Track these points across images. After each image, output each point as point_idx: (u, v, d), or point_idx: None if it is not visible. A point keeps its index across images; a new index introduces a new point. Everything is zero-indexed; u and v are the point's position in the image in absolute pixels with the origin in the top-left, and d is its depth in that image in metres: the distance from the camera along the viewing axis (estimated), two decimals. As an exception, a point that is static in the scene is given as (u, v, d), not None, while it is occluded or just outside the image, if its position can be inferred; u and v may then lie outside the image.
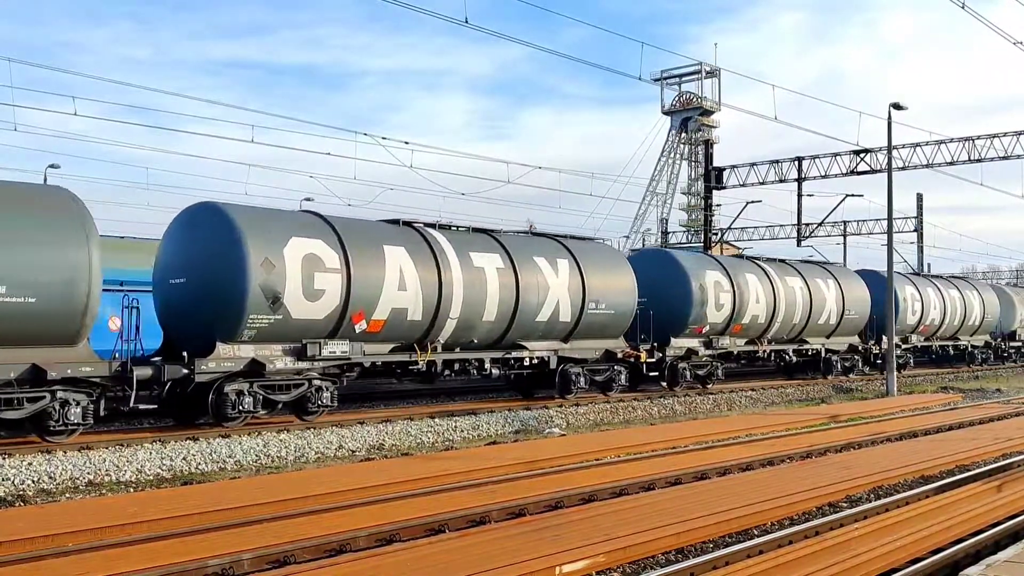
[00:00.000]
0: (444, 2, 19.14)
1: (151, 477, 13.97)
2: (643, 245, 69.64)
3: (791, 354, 31.17)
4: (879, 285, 33.66)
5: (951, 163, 37.86)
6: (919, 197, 58.93)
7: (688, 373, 27.09)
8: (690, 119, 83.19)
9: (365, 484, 11.96)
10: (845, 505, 11.54)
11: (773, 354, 30.62)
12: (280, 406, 17.86)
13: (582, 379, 23.48)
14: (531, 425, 20.35)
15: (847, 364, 34.28)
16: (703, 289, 26.93)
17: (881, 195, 32.49)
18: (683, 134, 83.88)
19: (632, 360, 24.77)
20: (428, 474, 12.80)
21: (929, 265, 64.15)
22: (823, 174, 41.40)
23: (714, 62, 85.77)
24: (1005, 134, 36.66)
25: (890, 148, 31.73)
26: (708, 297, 27.03)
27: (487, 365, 21.43)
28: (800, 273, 31.80)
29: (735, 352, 29.05)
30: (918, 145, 38.29)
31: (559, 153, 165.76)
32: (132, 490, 12.91)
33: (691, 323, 26.66)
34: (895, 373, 30.25)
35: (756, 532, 10.03)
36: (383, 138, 31.80)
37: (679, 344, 26.70)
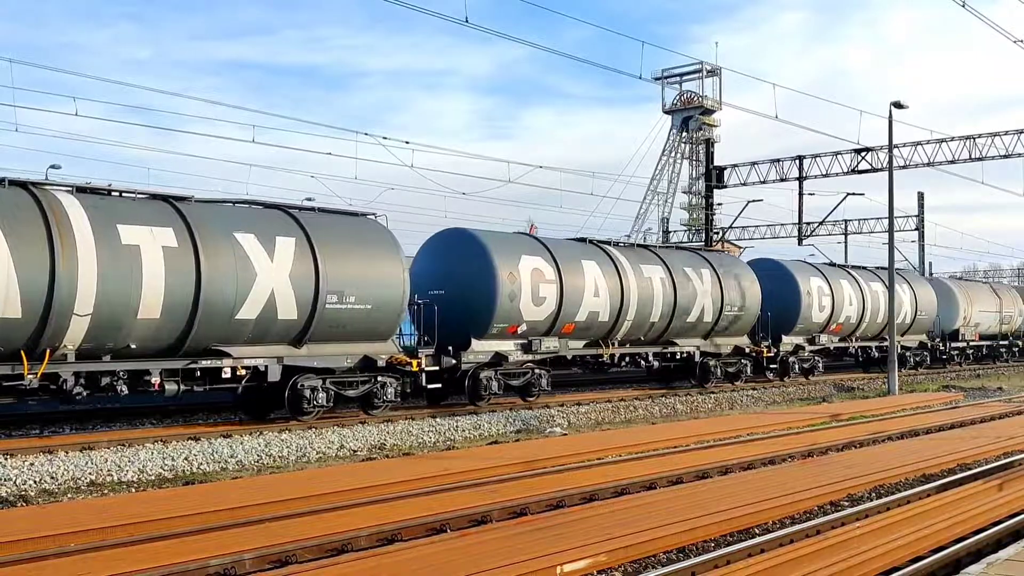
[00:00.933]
0: (445, 2, 19.13)
1: (153, 477, 13.97)
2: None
3: (651, 358, 26.10)
4: (777, 277, 31.22)
5: (952, 162, 37.83)
6: (920, 196, 58.94)
7: (495, 384, 21.71)
8: (691, 118, 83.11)
9: (366, 484, 11.96)
10: (847, 504, 11.54)
11: (628, 358, 25.54)
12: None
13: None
14: (532, 425, 20.35)
15: (731, 370, 29.07)
16: (508, 281, 21.49)
17: (882, 194, 32.44)
18: (684, 133, 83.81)
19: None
20: (429, 474, 12.80)
21: (930, 264, 64.22)
22: (824, 173, 41.38)
23: (715, 61, 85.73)
24: (1006, 132, 36.63)
25: (891, 147, 31.71)
26: (521, 292, 21.68)
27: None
28: (662, 260, 26.31)
29: (570, 356, 23.79)
30: (919, 144, 38.27)
31: (560, 153, 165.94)
32: (134, 490, 12.92)
33: (496, 322, 21.37)
34: (896, 373, 30.24)
35: (757, 531, 10.04)
36: (384, 138, 31.73)
37: (481, 348, 21.47)
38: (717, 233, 47.67)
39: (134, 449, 14.86)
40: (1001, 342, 48.38)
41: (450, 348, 20.52)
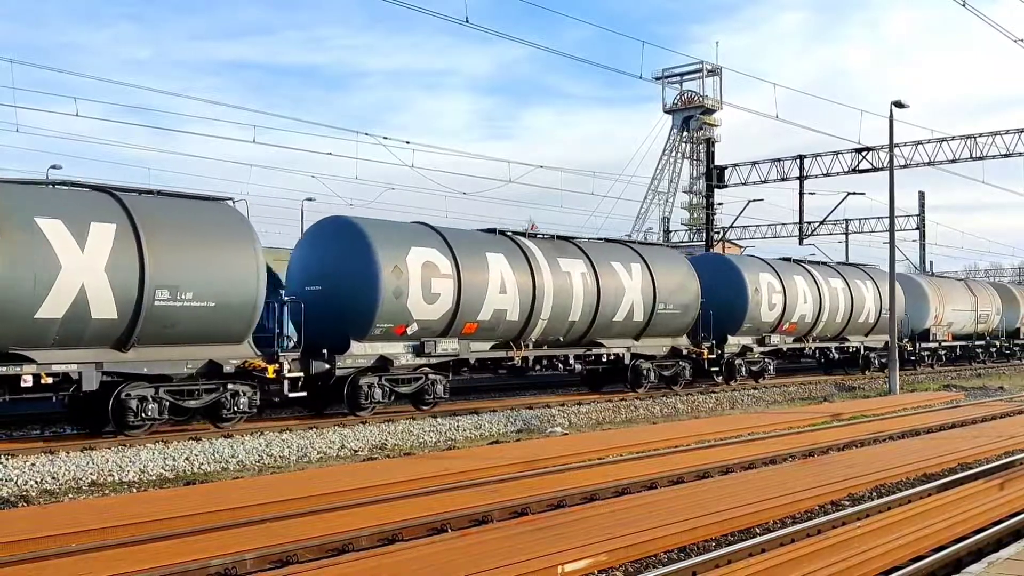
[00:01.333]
0: (445, 2, 19.12)
1: (154, 477, 13.98)
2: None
3: (572, 361, 23.90)
4: (721, 273, 28.95)
5: (953, 161, 37.80)
6: (921, 195, 59.01)
7: (379, 392, 19.59)
8: (692, 118, 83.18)
9: (367, 484, 11.97)
10: (847, 503, 11.54)
11: (545, 361, 23.37)
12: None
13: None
14: (533, 425, 20.36)
15: (667, 373, 26.71)
16: (392, 275, 19.25)
17: (883, 193, 32.39)
18: (685, 133, 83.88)
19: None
20: (430, 474, 12.81)
21: (931, 263, 64.24)
22: (825, 172, 41.35)
23: (715, 61, 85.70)
24: (1007, 132, 36.60)
25: (892, 146, 31.70)
26: (408, 287, 19.52)
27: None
28: (584, 254, 24.14)
29: (473, 360, 21.63)
30: (920, 143, 38.24)
31: (561, 153, 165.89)
32: (135, 490, 12.92)
33: (378, 322, 19.14)
34: (897, 372, 30.24)
35: (758, 531, 10.03)
36: (384, 138, 31.78)
37: (361, 351, 19.48)
38: (718, 233, 47.66)
39: (135, 449, 14.86)
40: (977, 342, 45.40)
41: (325, 351, 18.21)
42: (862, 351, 30.32)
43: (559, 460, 14.27)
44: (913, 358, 39.29)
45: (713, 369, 28.20)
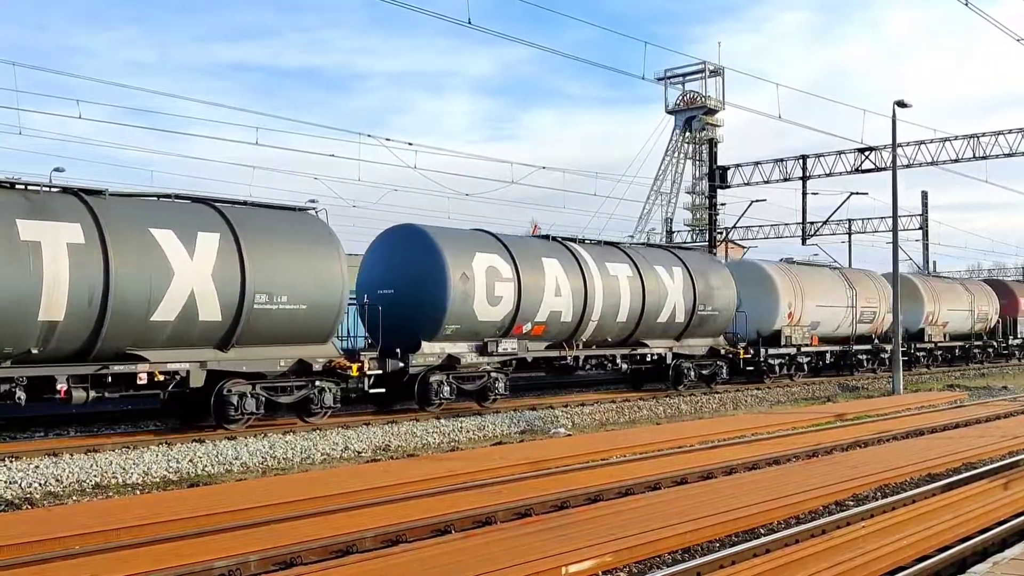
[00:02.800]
0: (447, 4, 19.13)
1: (157, 479, 13.98)
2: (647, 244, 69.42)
3: (619, 360, 24.61)
4: (408, 248, 20.86)
5: (956, 160, 37.81)
6: (924, 195, 58.93)
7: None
8: (694, 118, 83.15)
9: (371, 485, 11.97)
10: (852, 504, 11.52)
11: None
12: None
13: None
14: (537, 425, 20.35)
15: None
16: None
17: (886, 193, 32.52)
18: (687, 133, 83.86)
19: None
20: (434, 475, 12.80)
21: (935, 263, 64.15)
22: (828, 172, 41.37)
23: (718, 61, 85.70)
24: (1010, 131, 36.60)
25: (895, 146, 31.69)
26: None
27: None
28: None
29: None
30: (923, 143, 38.25)
31: (563, 153, 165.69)
32: (138, 492, 12.93)
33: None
34: (900, 372, 30.22)
35: (763, 531, 10.02)
36: (387, 139, 31.79)
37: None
38: (721, 233, 47.66)
39: (139, 451, 14.87)
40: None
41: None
42: (670, 360, 25.65)
43: (563, 461, 14.27)
44: (749, 369, 32.34)
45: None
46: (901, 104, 30.08)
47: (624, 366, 25.15)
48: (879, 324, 36.40)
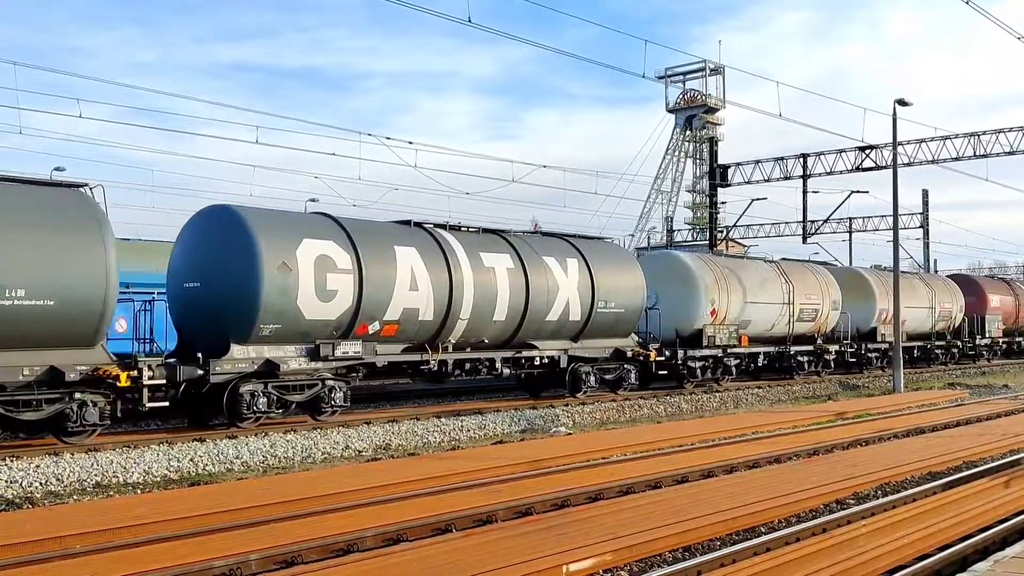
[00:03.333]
0: (448, 3, 19.14)
1: (158, 478, 13.99)
2: (648, 243, 69.61)
3: (500, 364, 21.60)
4: (216, 231, 17.48)
5: (956, 159, 37.82)
6: (925, 193, 58.92)
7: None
8: (695, 117, 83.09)
9: (372, 484, 11.97)
10: (852, 502, 11.52)
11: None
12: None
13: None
14: (537, 424, 20.35)
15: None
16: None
17: (886, 192, 32.51)
18: (688, 132, 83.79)
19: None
20: (434, 474, 12.80)
21: (935, 261, 64.15)
22: (828, 171, 41.39)
23: (718, 60, 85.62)
24: (1010, 129, 36.61)
25: (895, 144, 31.68)
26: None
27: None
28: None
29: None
30: (923, 141, 38.25)
31: (564, 152, 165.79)
32: (139, 491, 12.93)
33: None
34: (900, 370, 30.22)
35: (763, 530, 10.02)
36: (387, 138, 31.78)
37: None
38: (721, 232, 47.65)
39: (139, 451, 14.87)
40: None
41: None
42: (564, 363, 22.76)
43: (563, 460, 14.27)
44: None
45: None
46: (902, 102, 30.08)
47: (506, 371, 21.82)
48: (822, 323, 33.32)
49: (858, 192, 44.39)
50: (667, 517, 9.88)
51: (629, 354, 24.56)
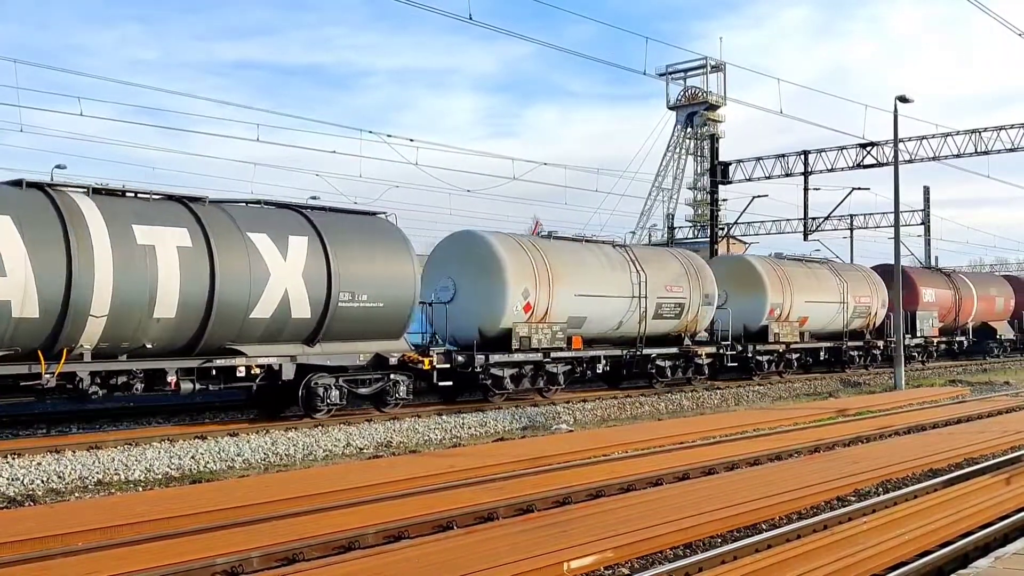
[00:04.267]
0: (449, 0, 19.13)
1: (160, 476, 14.01)
2: (649, 240, 69.60)
3: (174, 375, 15.79)
4: None
5: (958, 156, 37.71)
6: (926, 190, 58.89)
7: None
8: (696, 114, 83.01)
9: (373, 481, 11.97)
10: (853, 499, 11.52)
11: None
12: None
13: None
14: (538, 422, 20.37)
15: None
16: None
17: (888, 189, 32.45)
18: (689, 129, 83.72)
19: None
20: (435, 471, 12.81)
21: (937, 258, 64.09)
22: (829, 168, 41.27)
23: (719, 57, 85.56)
24: (1012, 126, 36.50)
25: (896, 141, 31.66)
26: None
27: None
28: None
29: None
30: (924, 138, 38.17)
31: (565, 150, 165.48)
32: (141, 489, 12.94)
33: None
34: (903, 367, 30.22)
35: (764, 526, 10.02)
36: (388, 135, 31.73)
37: None
38: (722, 229, 47.62)
39: (141, 448, 14.89)
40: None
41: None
42: (290, 375, 17.44)
43: (564, 457, 14.27)
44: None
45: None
46: (903, 99, 30.06)
47: (187, 385, 16.08)
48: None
49: (859, 189, 44.28)
50: (668, 514, 9.88)
51: (393, 361, 18.83)
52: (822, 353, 33.87)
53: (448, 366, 20.24)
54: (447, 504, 10.53)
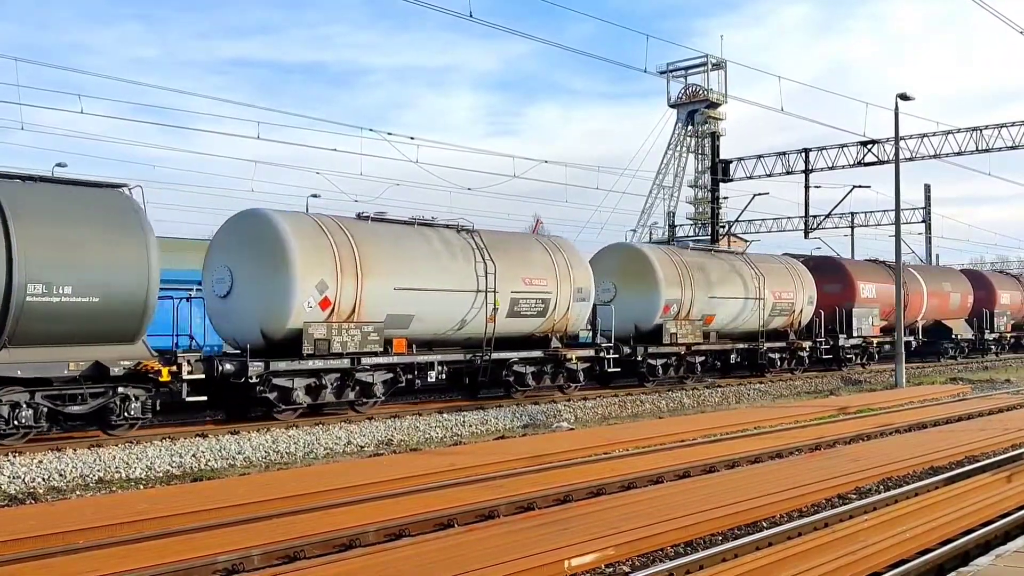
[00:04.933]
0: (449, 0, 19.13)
1: (161, 474, 14.02)
2: (650, 238, 69.53)
3: None
4: None
5: (959, 153, 37.68)
6: (927, 188, 58.75)
7: None
8: (696, 112, 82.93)
9: (374, 479, 11.98)
10: (854, 497, 11.52)
11: None
12: None
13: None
14: (539, 420, 20.37)
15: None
16: None
17: (888, 186, 32.39)
18: (689, 127, 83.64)
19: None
20: (436, 469, 12.81)
21: (938, 256, 64.07)
22: (830, 166, 41.26)
23: (720, 55, 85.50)
24: (1012, 124, 36.48)
25: (897, 139, 31.65)
26: None
27: None
28: None
29: None
30: (925, 136, 38.14)
31: (566, 148, 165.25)
32: (142, 487, 12.95)
33: None
34: (903, 365, 30.21)
35: (765, 524, 10.02)
36: (389, 134, 31.73)
37: None
38: (723, 227, 47.61)
39: (142, 446, 14.89)
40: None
41: None
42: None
43: (565, 455, 14.27)
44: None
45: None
46: (904, 97, 30.02)
47: None
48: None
49: (860, 187, 44.22)
50: (669, 512, 9.89)
51: (118, 371, 14.88)
52: (733, 356, 29.25)
53: (203, 376, 16.04)
54: (448, 502, 10.54)
